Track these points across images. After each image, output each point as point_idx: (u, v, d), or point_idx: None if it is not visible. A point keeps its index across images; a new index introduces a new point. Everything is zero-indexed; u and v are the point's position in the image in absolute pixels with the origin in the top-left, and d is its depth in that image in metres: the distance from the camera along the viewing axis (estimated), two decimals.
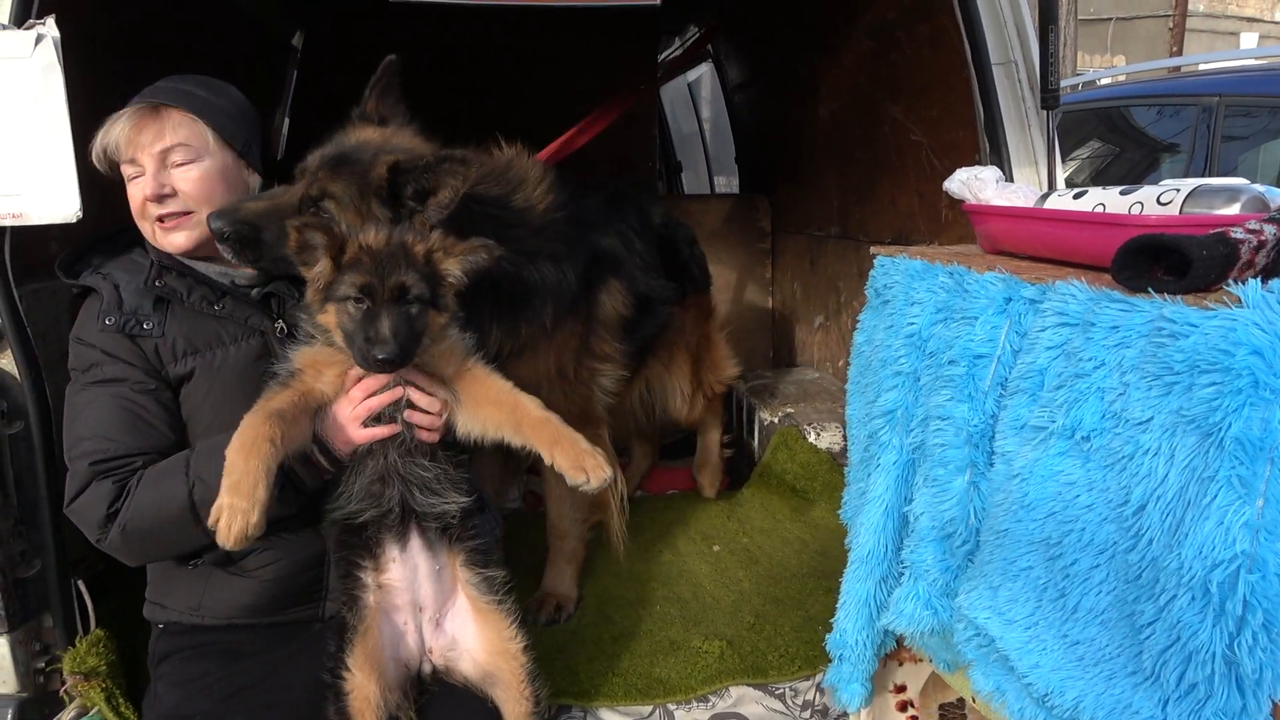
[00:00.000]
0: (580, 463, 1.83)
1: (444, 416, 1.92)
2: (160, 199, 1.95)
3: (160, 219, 1.98)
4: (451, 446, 1.97)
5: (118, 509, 1.86)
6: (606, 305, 2.86)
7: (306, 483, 1.89)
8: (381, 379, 1.87)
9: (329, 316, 1.83)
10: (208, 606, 2.01)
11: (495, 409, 1.92)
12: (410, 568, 1.93)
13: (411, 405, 1.89)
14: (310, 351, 1.89)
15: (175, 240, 2.00)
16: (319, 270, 1.83)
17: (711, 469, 3.78)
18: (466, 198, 2.15)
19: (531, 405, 1.91)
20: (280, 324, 2.06)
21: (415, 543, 1.93)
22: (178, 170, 1.97)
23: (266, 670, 1.98)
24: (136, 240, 2.09)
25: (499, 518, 2.28)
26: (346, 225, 2.01)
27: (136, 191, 1.97)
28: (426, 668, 1.98)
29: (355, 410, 1.86)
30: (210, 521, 1.66)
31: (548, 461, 1.86)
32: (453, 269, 1.87)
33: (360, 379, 1.87)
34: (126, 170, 1.98)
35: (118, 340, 1.95)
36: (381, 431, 1.87)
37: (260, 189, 2.15)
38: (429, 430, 1.91)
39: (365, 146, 2.18)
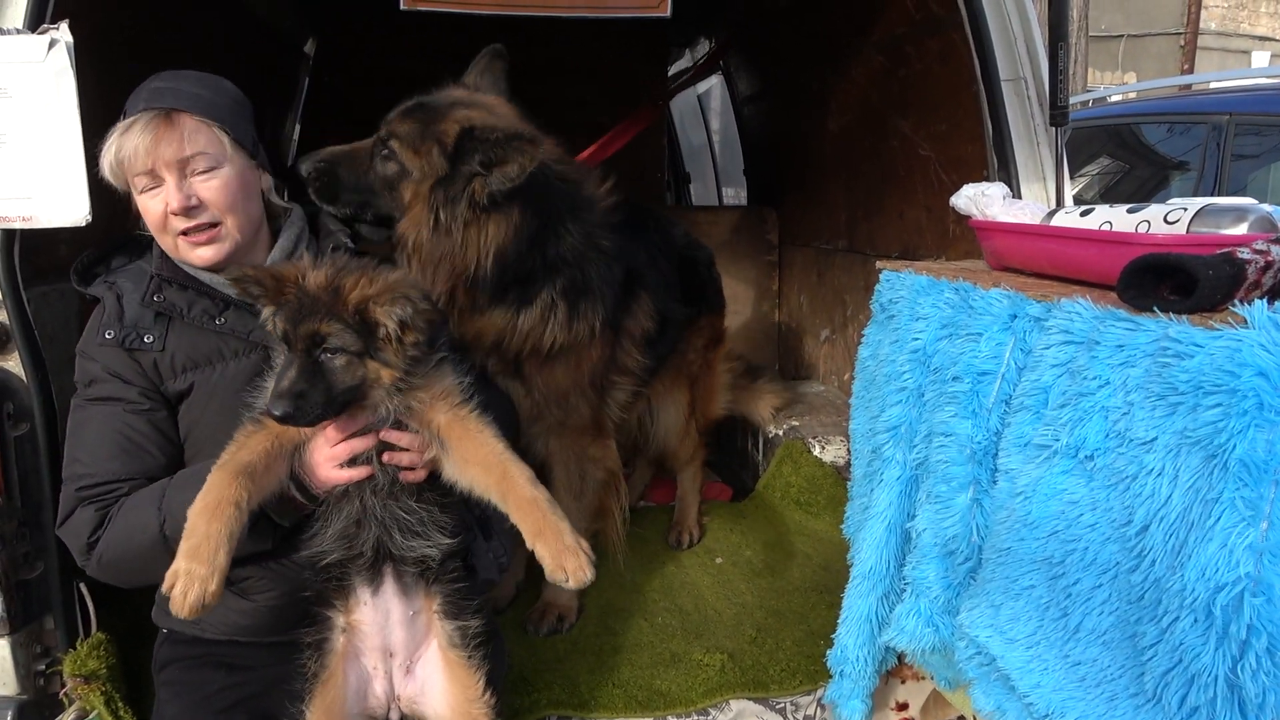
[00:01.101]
0: (561, 561, 1.68)
1: (428, 456, 1.79)
2: (188, 211, 1.88)
3: (184, 232, 1.91)
4: (440, 485, 1.84)
5: (97, 538, 1.84)
6: (638, 316, 2.86)
7: (285, 521, 1.85)
8: (353, 422, 1.75)
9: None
10: (208, 621, 1.96)
11: (483, 472, 1.77)
12: (382, 612, 1.84)
13: (391, 447, 1.78)
14: None
15: (204, 255, 1.93)
16: (264, 314, 1.74)
17: (686, 528, 3.46)
18: (549, 173, 2.29)
19: (521, 479, 1.75)
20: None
21: (389, 587, 1.83)
22: (198, 179, 1.89)
23: (267, 684, 1.94)
24: (148, 247, 2.05)
25: (508, 544, 2.16)
26: (405, 164, 2.21)
27: (155, 204, 1.89)
28: (395, 715, 1.88)
29: (331, 451, 1.76)
30: (165, 588, 1.57)
31: (529, 547, 1.72)
32: (384, 321, 1.68)
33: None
34: (140, 181, 1.89)
35: (116, 355, 1.90)
36: (357, 474, 1.76)
37: (273, 189, 2.13)
38: (413, 470, 1.80)
39: (444, 97, 2.33)
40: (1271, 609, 1.13)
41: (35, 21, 2.03)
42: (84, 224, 2.04)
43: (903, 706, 2.23)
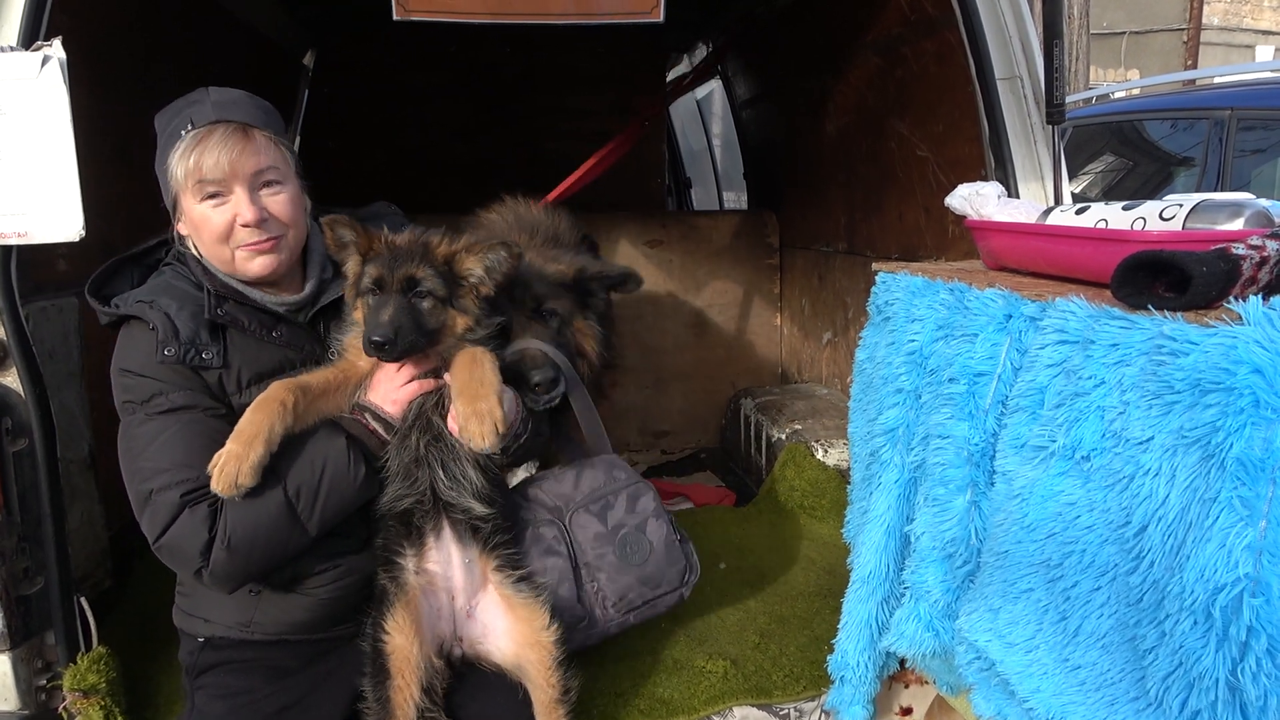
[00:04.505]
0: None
1: None
2: (260, 224, 1.94)
3: (248, 243, 1.95)
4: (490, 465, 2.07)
5: (215, 531, 1.83)
6: None
7: (375, 454, 1.99)
8: (408, 370, 1.99)
9: (359, 312, 1.97)
10: (259, 623, 2.01)
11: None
12: (445, 554, 2.04)
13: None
14: (354, 335, 2.03)
15: (263, 263, 1.98)
16: (350, 267, 1.99)
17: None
18: None
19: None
20: (332, 349, 2.08)
21: (447, 532, 2.05)
22: (266, 193, 1.95)
23: (310, 686, 2.01)
24: (162, 260, 2.06)
25: None
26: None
27: (221, 215, 1.92)
28: (456, 652, 2.07)
29: (397, 375, 2.00)
30: (209, 467, 1.77)
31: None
32: (473, 268, 2.00)
33: None
34: (204, 189, 1.91)
35: (179, 371, 1.91)
36: (429, 384, 2.01)
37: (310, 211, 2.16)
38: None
39: None
40: (1270, 610, 1.11)
41: (29, 38, 2.04)
42: (77, 239, 2.04)
43: (907, 711, 2.21)
